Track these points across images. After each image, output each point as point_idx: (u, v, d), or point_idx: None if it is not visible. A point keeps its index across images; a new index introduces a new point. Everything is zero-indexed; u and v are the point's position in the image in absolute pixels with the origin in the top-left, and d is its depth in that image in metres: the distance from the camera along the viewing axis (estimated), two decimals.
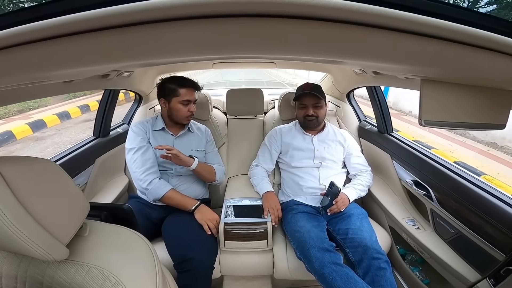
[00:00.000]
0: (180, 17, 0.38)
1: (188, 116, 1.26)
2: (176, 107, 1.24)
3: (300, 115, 1.39)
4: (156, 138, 1.27)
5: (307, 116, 1.35)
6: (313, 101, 1.33)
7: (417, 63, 0.49)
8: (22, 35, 0.37)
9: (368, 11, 0.35)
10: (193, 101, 1.26)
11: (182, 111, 1.24)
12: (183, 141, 1.32)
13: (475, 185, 0.96)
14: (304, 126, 1.41)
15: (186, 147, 1.29)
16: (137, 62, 0.98)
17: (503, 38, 0.38)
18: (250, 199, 1.32)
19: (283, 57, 1.28)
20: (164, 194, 1.15)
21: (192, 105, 1.26)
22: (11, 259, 0.49)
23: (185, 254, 1.02)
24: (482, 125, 0.57)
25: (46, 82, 0.70)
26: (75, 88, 0.95)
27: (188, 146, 1.31)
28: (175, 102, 1.23)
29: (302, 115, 1.37)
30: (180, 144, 1.30)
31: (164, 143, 1.22)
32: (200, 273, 1.02)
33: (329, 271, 0.97)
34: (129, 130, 1.28)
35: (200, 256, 1.03)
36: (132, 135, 1.25)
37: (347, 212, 1.22)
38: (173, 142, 1.29)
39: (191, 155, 1.22)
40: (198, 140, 1.36)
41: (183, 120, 1.28)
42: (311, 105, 1.33)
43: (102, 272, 0.46)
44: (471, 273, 0.91)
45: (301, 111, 1.37)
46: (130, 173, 1.28)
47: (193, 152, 1.29)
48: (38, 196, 0.41)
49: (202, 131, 1.41)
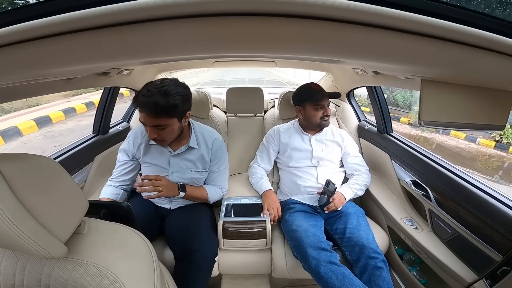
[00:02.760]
0: (181, 16, 0.38)
1: (151, 139, 1.02)
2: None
3: (316, 117, 1.31)
4: (150, 152, 1.14)
5: (325, 116, 1.31)
6: (327, 100, 1.33)
7: (418, 63, 0.49)
8: (22, 33, 0.37)
9: (369, 11, 0.35)
10: (150, 126, 0.96)
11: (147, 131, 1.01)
12: (181, 159, 1.14)
13: (474, 186, 0.96)
14: (318, 126, 1.37)
15: (184, 167, 1.14)
16: (137, 60, 0.98)
17: (504, 38, 0.38)
18: (249, 197, 1.33)
19: (284, 56, 1.28)
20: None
21: (150, 129, 0.97)
22: (9, 256, 0.49)
23: (188, 246, 1.01)
24: (481, 125, 0.57)
25: (46, 80, 0.70)
26: (75, 86, 0.95)
27: (186, 167, 1.14)
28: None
29: (320, 116, 1.31)
30: (177, 163, 1.13)
31: (159, 159, 1.12)
32: (202, 265, 1.02)
33: (325, 270, 0.97)
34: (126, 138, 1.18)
35: (203, 248, 1.03)
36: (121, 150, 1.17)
37: (345, 211, 1.22)
38: (169, 159, 1.13)
39: (179, 185, 1.09)
40: (200, 158, 1.16)
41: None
42: (326, 104, 1.33)
43: (100, 270, 0.46)
44: (468, 273, 0.92)
45: (318, 112, 1.31)
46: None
47: (192, 173, 1.14)
48: (36, 194, 0.41)
49: (208, 146, 1.17)
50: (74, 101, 6.88)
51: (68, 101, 6.95)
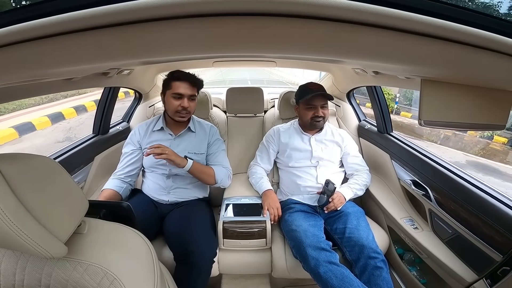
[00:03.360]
0: (181, 16, 0.38)
1: (178, 111, 1.18)
2: (168, 100, 1.18)
3: (307, 116, 1.32)
4: (153, 139, 1.24)
5: (316, 117, 1.30)
6: (321, 101, 1.30)
7: (418, 63, 0.49)
8: (22, 33, 0.37)
9: (369, 11, 0.35)
10: (187, 96, 1.17)
11: (172, 105, 1.17)
12: (182, 141, 1.26)
13: (474, 185, 0.96)
14: (310, 126, 1.36)
15: (182, 148, 1.23)
16: (137, 60, 0.98)
17: (504, 38, 0.38)
18: (249, 197, 1.32)
19: (284, 56, 1.28)
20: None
21: (186, 100, 1.16)
22: (10, 256, 0.49)
23: (187, 248, 1.02)
24: (481, 125, 0.57)
25: (46, 80, 0.70)
26: (75, 86, 0.95)
27: (185, 148, 1.24)
28: (168, 95, 1.18)
29: (310, 116, 1.31)
30: (177, 144, 1.24)
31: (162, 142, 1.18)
32: (200, 266, 1.02)
33: (324, 270, 0.97)
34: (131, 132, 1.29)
35: (201, 249, 1.03)
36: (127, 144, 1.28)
37: (344, 211, 1.22)
38: (170, 142, 1.24)
39: (186, 156, 1.16)
40: (199, 141, 1.29)
41: (174, 116, 1.20)
42: (320, 105, 1.30)
43: (100, 270, 0.46)
44: (468, 273, 0.92)
45: (309, 112, 1.31)
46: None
47: (189, 154, 1.22)
48: (37, 194, 0.41)
49: (206, 131, 1.32)
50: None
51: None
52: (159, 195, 1.25)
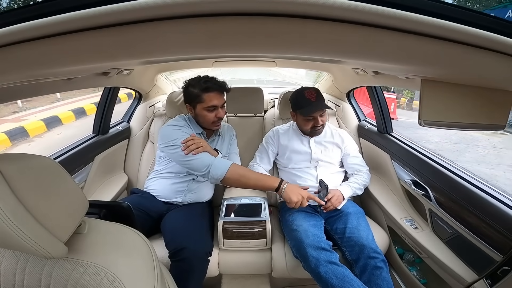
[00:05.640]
0: (181, 16, 0.38)
1: (215, 121, 1.18)
2: (200, 113, 1.16)
3: (306, 126, 1.29)
4: None
5: (315, 126, 1.27)
6: (320, 111, 1.25)
7: (418, 63, 0.49)
8: (22, 33, 0.37)
9: (369, 11, 0.35)
10: (221, 106, 1.17)
11: (208, 118, 1.16)
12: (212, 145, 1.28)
13: (474, 185, 0.96)
14: (309, 134, 1.34)
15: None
16: (137, 60, 0.98)
17: (504, 38, 0.38)
18: (249, 198, 1.32)
19: (284, 56, 1.28)
20: (228, 168, 1.06)
21: (220, 110, 1.17)
22: (10, 256, 0.49)
23: (179, 244, 1.02)
24: (481, 125, 0.57)
25: (46, 80, 0.70)
26: (75, 86, 0.95)
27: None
28: (200, 108, 1.15)
29: (310, 126, 1.28)
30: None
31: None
32: (193, 263, 1.02)
33: (324, 270, 0.97)
34: (167, 128, 1.17)
35: (193, 245, 1.03)
36: (178, 132, 1.14)
37: (344, 211, 1.22)
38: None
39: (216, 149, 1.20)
40: (224, 143, 1.34)
41: (210, 127, 1.21)
42: (319, 115, 1.26)
43: (100, 270, 0.46)
44: (468, 273, 0.92)
45: (308, 122, 1.28)
46: (176, 161, 1.16)
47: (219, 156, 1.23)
48: (37, 194, 0.41)
49: (228, 132, 1.39)
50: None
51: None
52: (173, 197, 1.25)
